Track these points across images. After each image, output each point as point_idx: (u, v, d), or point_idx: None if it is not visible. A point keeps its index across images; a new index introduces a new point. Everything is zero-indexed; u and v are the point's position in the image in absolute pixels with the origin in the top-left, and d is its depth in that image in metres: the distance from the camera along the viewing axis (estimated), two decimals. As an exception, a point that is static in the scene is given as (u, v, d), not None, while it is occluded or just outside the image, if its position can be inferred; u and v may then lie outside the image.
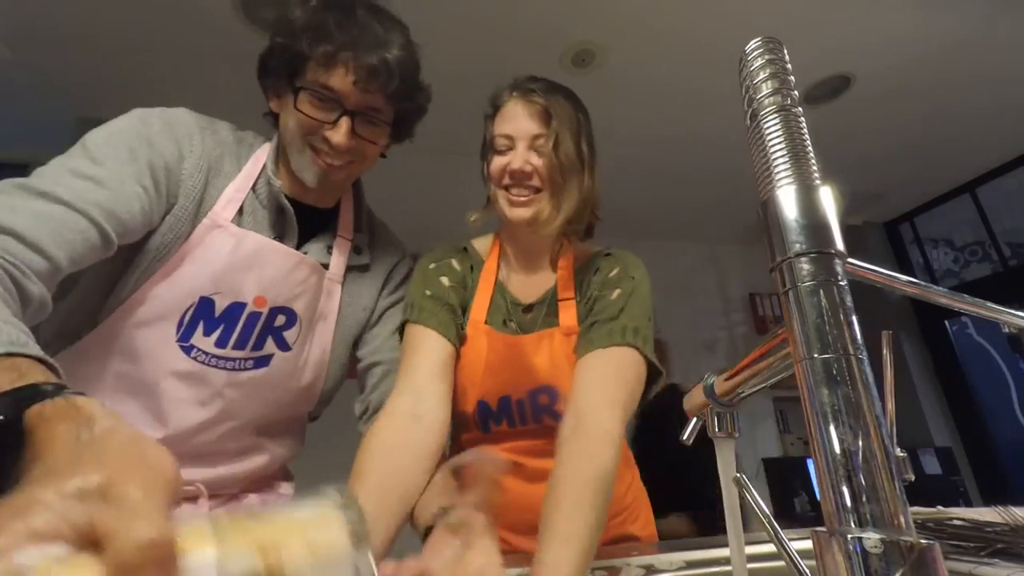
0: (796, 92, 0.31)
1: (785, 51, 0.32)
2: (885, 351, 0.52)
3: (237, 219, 0.76)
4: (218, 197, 0.75)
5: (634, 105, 2.47)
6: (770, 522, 0.41)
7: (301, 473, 0.95)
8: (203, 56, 2.08)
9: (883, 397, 0.37)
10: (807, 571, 0.36)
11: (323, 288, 0.82)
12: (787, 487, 3.21)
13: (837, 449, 0.24)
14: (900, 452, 0.48)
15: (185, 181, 0.72)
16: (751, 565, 0.54)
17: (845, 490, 0.23)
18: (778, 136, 0.30)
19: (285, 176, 0.80)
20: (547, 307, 0.86)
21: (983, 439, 3.31)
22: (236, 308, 0.74)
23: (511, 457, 0.82)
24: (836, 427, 0.24)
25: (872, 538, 0.22)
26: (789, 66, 0.32)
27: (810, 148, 0.30)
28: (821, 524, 0.25)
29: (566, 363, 0.80)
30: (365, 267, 0.89)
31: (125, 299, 0.71)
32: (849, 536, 0.22)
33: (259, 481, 0.85)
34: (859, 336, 0.26)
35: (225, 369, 0.75)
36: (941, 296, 0.40)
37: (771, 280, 0.29)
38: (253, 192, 0.78)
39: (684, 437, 0.60)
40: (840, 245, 0.28)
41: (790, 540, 0.39)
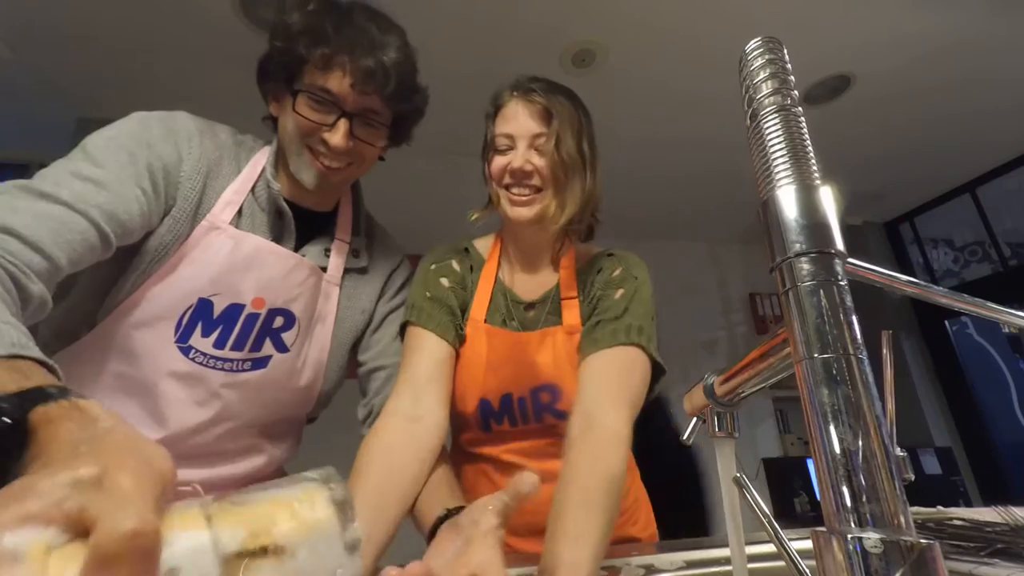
0: (796, 92, 0.31)
1: (785, 51, 0.32)
2: (885, 351, 0.52)
3: (236, 221, 0.76)
4: (216, 199, 0.75)
5: (634, 105, 2.47)
6: (770, 522, 0.41)
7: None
8: (203, 56, 2.08)
9: (883, 397, 0.37)
10: (807, 571, 0.36)
11: (321, 290, 0.82)
12: (787, 487, 3.22)
13: (837, 449, 0.24)
14: (900, 452, 0.48)
15: (183, 183, 0.72)
16: (751, 565, 0.54)
17: (845, 490, 0.23)
18: (778, 136, 0.30)
19: (284, 179, 0.80)
20: (550, 306, 0.86)
21: (983, 439, 3.31)
22: (234, 309, 0.74)
23: (511, 459, 0.82)
24: (836, 427, 0.24)
25: (872, 538, 0.22)
26: (789, 66, 0.32)
27: (810, 148, 0.30)
28: (821, 524, 0.25)
29: (568, 362, 0.80)
30: (363, 270, 0.89)
31: (123, 300, 0.71)
32: (849, 536, 0.22)
33: (256, 482, 0.85)
34: (859, 336, 0.26)
35: (223, 370, 0.75)
36: (941, 296, 0.40)
37: (771, 280, 0.29)
38: (252, 195, 0.78)
39: (684, 437, 0.60)
40: (840, 245, 0.28)
41: (790, 540, 0.39)
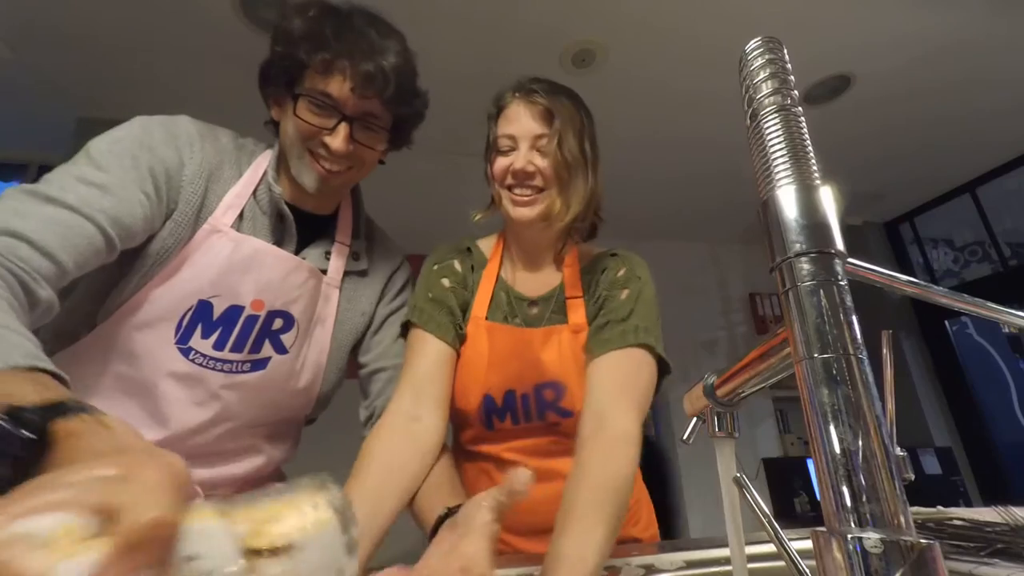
0: (796, 92, 0.31)
1: (785, 51, 0.32)
2: (885, 351, 0.52)
3: (237, 224, 0.77)
4: (218, 203, 0.76)
5: (634, 105, 2.47)
6: (770, 522, 0.41)
7: (296, 475, 0.95)
8: (203, 56, 2.08)
9: (883, 397, 0.37)
10: (807, 571, 0.36)
11: (321, 292, 0.83)
12: (787, 487, 3.22)
13: (837, 449, 0.24)
14: (900, 452, 0.48)
15: (185, 187, 0.73)
16: (751, 565, 0.54)
17: (845, 490, 0.23)
18: (778, 136, 0.30)
19: (286, 183, 0.81)
20: (554, 304, 0.87)
21: (983, 439, 3.31)
22: (234, 311, 0.75)
23: (513, 457, 0.82)
24: (836, 427, 0.24)
25: (872, 538, 0.22)
26: (789, 66, 0.32)
27: (810, 148, 0.30)
28: (821, 524, 0.25)
29: (573, 360, 0.81)
30: (363, 272, 0.89)
31: (124, 301, 0.71)
32: (849, 536, 0.22)
33: (254, 482, 0.85)
34: (859, 336, 0.26)
35: (222, 371, 0.75)
36: (941, 296, 0.40)
37: (771, 280, 0.29)
38: (254, 198, 0.79)
39: (684, 437, 0.60)
40: (840, 245, 0.28)
41: (790, 540, 0.39)
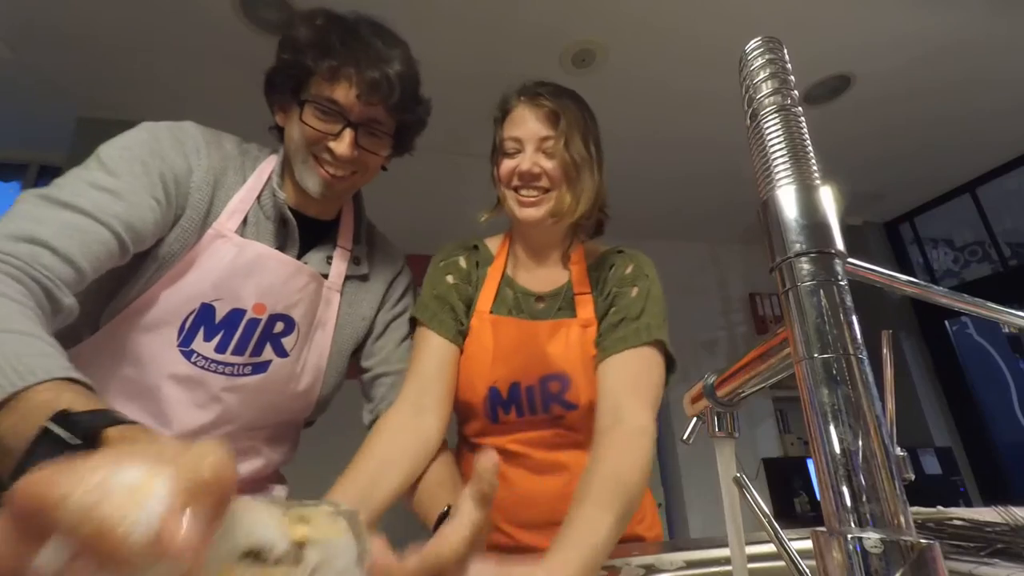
0: (796, 92, 0.31)
1: (785, 51, 0.32)
2: (885, 351, 0.52)
3: (241, 229, 0.77)
4: (223, 208, 0.76)
5: (634, 105, 2.47)
6: (770, 522, 0.41)
7: (294, 477, 0.96)
8: (203, 56, 2.08)
9: (883, 397, 0.37)
10: (807, 571, 0.36)
11: (322, 296, 0.83)
12: (787, 487, 3.21)
13: (837, 449, 0.24)
14: (900, 452, 0.48)
15: (193, 193, 0.73)
16: (751, 565, 0.54)
17: (845, 490, 0.23)
18: (778, 136, 0.30)
19: (289, 188, 0.82)
20: (563, 300, 0.88)
21: (983, 439, 3.31)
22: (236, 314, 0.75)
23: (518, 449, 0.82)
24: (836, 427, 0.24)
25: (872, 538, 0.22)
26: (789, 66, 0.32)
27: (810, 148, 0.30)
28: (821, 524, 0.25)
29: (581, 353, 0.81)
30: (364, 277, 0.90)
31: (129, 303, 0.71)
32: (849, 536, 0.22)
33: (253, 484, 0.86)
34: (859, 336, 0.26)
35: (224, 374, 0.76)
36: (941, 296, 0.40)
37: (771, 280, 0.29)
38: (258, 203, 0.80)
39: (684, 437, 0.60)
40: (840, 245, 0.28)
41: (790, 540, 0.39)
